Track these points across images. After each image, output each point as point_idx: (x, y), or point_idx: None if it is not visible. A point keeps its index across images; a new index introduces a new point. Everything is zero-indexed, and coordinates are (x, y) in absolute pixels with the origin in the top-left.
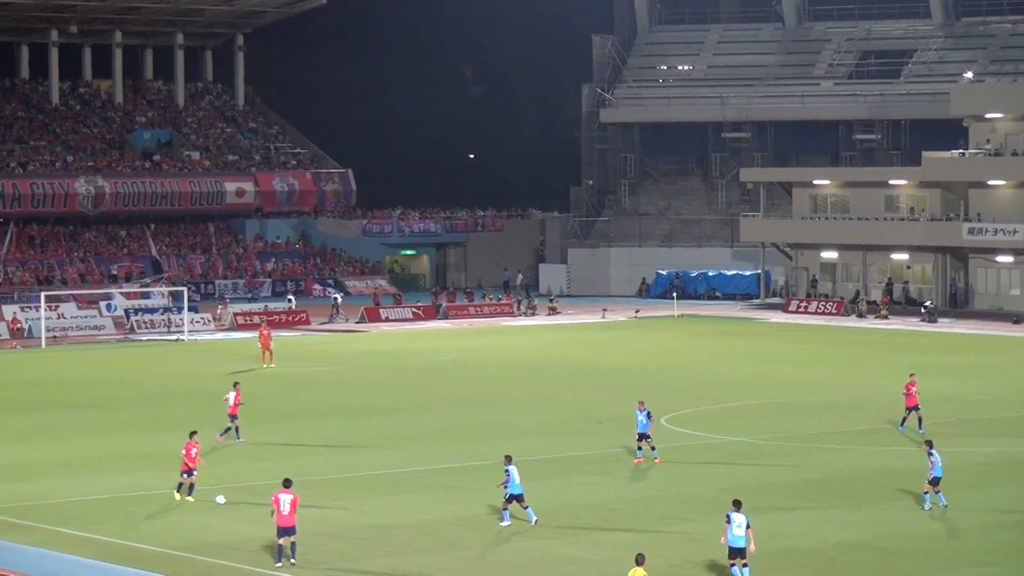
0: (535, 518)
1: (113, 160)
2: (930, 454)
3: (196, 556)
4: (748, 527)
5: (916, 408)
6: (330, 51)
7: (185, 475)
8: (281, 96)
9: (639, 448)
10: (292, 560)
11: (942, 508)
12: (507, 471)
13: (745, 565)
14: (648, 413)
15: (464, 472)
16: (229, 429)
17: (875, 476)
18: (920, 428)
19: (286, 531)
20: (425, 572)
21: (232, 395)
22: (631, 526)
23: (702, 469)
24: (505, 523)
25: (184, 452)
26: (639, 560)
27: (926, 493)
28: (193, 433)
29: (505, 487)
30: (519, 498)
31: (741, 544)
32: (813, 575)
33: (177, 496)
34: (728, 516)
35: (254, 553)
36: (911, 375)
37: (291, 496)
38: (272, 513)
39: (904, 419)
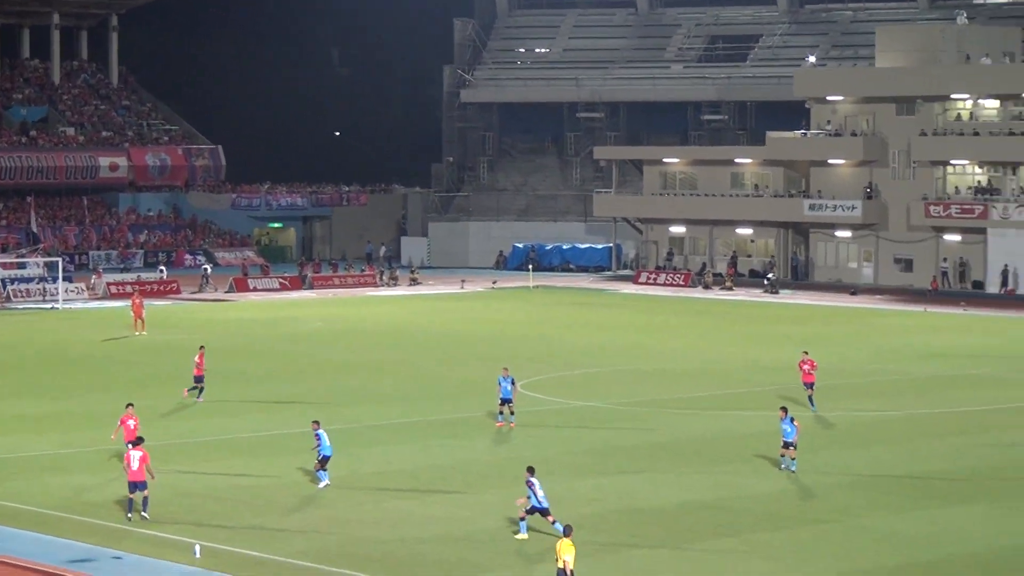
0: (326, 482)
1: None
2: (789, 419)
3: (60, 513)
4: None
5: (811, 385)
6: (202, 32)
7: (130, 445)
8: (154, 75)
9: (500, 413)
10: (144, 514)
11: (791, 473)
12: (317, 435)
13: (523, 518)
14: (512, 380)
15: (329, 435)
16: (196, 389)
17: (721, 440)
18: (812, 406)
19: (136, 486)
20: (291, 529)
21: (196, 358)
22: (489, 487)
23: (556, 432)
24: (323, 483)
25: (120, 424)
26: (567, 532)
27: (783, 456)
28: (129, 405)
29: (317, 450)
30: (325, 460)
31: (547, 504)
32: (657, 533)
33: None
34: (529, 482)
35: (112, 509)
36: (804, 352)
37: (140, 453)
38: (124, 470)
39: (810, 396)
